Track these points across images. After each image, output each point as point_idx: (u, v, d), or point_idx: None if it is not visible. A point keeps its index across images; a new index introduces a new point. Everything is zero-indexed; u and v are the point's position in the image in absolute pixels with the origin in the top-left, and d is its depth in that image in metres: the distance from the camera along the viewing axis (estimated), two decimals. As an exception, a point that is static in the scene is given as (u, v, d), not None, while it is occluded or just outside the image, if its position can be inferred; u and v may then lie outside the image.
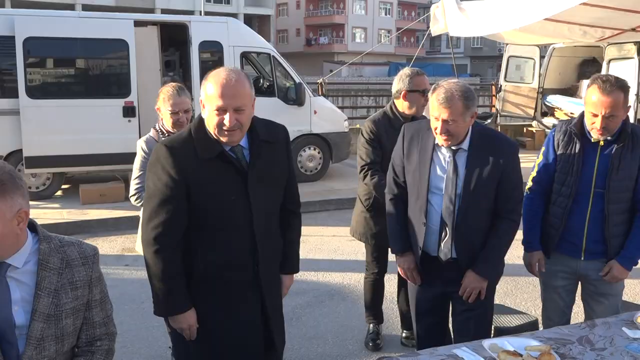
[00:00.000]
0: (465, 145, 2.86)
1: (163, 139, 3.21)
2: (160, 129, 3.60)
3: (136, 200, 3.58)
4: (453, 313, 3.10)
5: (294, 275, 2.86)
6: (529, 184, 3.27)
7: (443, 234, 2.91)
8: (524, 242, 3.29)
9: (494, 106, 14.51)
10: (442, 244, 2.92)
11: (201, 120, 2.45)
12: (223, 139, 2.40)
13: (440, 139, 2.82)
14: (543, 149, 3.24)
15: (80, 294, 2.03)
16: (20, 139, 8.15)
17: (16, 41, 8.03)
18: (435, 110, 2.76)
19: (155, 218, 2.41)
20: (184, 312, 2.50)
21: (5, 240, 1.89)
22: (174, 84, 3.62)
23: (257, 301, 2.57)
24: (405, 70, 3.86)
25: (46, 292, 1.96)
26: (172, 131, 3.51)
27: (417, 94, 3.76)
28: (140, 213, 3.36)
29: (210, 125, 2.39)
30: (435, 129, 2.79)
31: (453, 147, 2.84)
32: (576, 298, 3.36)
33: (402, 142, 3.04)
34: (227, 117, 2.33)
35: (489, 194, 2.86)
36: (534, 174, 3.27)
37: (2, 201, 1.83)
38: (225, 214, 2.44)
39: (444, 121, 2.74)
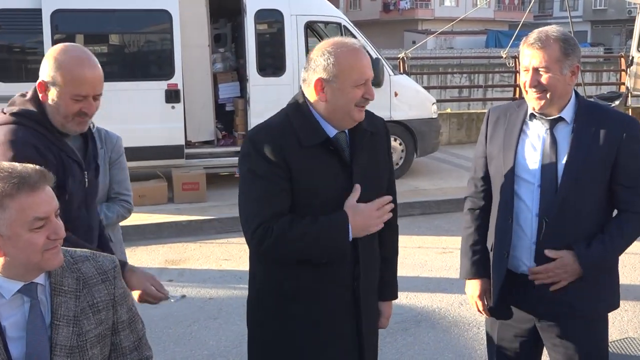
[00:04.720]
0: (567, 115, 2.70)
1: None
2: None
3: None
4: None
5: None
6: None
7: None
8: None
9: (623, 84, 14.10)
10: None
11: (298, 105, 2.44)
12: (355, 115, 2.39)
13: (531, 99, 2.67)
14: None
15: (105, 317, 2.04)
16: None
17: (43, 15, 8.34)
18: (525, 58, 2.64)
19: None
20: None
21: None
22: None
23: (354, 329, 2.53)
24: None
25: (65, 321, 1.96)
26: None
27: None
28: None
29: (345, 101, 2.36)
30: (525, 84, 2.65)
31: (550, 117, 2.70)
32: None
33: (485, 127, 2.94)
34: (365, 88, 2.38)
35: (598, 181, 2.69)
36: None
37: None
38: (324, 213, 2.38)
39: (535, 70, 2.61)
